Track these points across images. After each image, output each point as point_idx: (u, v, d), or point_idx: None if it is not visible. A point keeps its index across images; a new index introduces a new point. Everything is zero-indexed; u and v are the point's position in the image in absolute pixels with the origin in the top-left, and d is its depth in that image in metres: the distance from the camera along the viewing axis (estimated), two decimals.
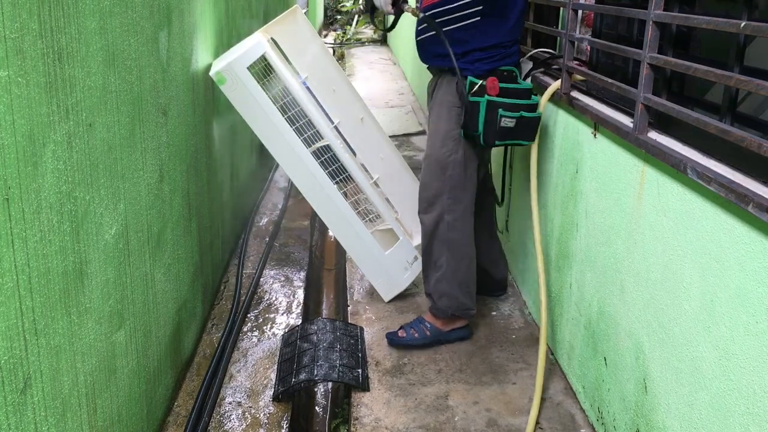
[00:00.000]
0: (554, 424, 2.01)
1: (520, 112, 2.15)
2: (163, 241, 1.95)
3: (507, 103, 2.14)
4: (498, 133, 2.16)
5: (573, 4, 2.06)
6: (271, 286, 2.94)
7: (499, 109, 2.13)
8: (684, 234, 1.45)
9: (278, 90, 2.44)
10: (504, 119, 2.13)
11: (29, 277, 1.15)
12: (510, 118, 2.14)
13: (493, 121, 2.14)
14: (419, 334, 2.42)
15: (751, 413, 1.23)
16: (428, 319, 2.45)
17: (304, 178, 2.51)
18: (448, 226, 2.33)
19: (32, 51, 1.13)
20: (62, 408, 1.29)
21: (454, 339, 2.45)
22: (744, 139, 1.24)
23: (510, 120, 2.14)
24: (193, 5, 2.34)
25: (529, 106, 2.18)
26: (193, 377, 2.23)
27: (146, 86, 1.77)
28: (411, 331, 2.43)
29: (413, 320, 2.50)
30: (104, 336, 1.49)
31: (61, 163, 1.25)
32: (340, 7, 13.78)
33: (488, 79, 2.14)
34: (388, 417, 2.05)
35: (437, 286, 2.39)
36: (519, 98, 2.17)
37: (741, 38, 1.40)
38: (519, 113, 2.15)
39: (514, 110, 2.14)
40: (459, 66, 2.19)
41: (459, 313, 2.41)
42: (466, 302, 2.40)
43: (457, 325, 2.45)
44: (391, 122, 5.63)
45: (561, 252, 2.22)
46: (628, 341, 1.73)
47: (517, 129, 2.17)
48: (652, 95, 1.60)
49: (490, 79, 2.14)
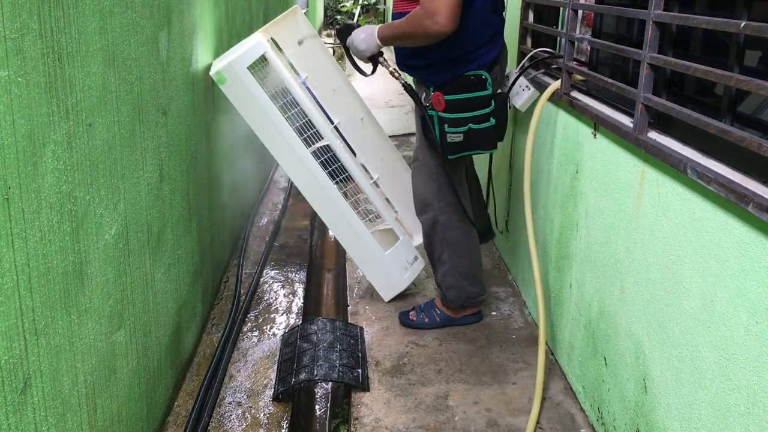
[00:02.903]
0: (554, 424, 2.01)
1: (467, 126, 2.16)
2: (163, 241, 1.95)
3: (451, 118, 2.15)
4: (449, 148, 2.19)
5: (573, 4, 2.06)
6: (271, 286, 2.94)
7: (445, 125, 2.16)
8: (684, 234, 1.45)
9: (278, 90, 2.44)
10: (449, 135, 2.16)
11: (29, 277, 1.15)
12: (456, 134, 2.16)
13: (443, 135, 2.18)
14: (430, 320, 2.52)
15: (751, 413, 1.23)
16: (439, 306, 2.55)
17: (304, 178, 2.51)
18: (444, 227, 2.39)
19: (32, 51, 1.13)
20: (62, 408, 1.29)
21: (466, 324, 2.55)
22: (744, 139, 1.24)
23: (456, 135, 2.16)
24: (193, 5, 2.34)
25: (479, 117, 2.17)
26: (193, 377, 2.23)
27: (146, 86, 1.77)
28: (422, 315, 2.53)
29: (425, 303, 2.59)
30: (104, 336, 1.49)
31: (61, 163, 1.25)
32: (340, 7, 13.78)
33: (433, 95, 2.16)
34: (388, 417, 2.05)
35: (444, 280, 2.47)
36: (472, 109, 2.16)
37: (741, 38, 1.40)
38: (467, 126, 2.16)
39: (461, 125, 2.16)
40: (422, 77, 2.25)
41: (468, 303, 2.50)
42: (473, 291, 2.48)
43: (468, 313, 2.55)
44: (391, 122, 5.63)
45: (561, 252, 2.22)
46: (628, 341, 1.73)
47: (466, 142, 2.19)
48: (652, 95, 1.60)
49: (435, 94, 2.16)
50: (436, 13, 1.95)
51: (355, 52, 2.31)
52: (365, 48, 2.26)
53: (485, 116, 2.18)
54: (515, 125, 2.76)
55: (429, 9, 1.96)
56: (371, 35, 2.24)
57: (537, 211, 2.44)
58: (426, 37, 2.03)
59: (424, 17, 1.98)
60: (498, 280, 2.92)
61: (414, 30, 2.04)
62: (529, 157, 2.26)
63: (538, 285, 2.18)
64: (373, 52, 2.27)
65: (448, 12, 1.95)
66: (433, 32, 1.99)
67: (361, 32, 2.28)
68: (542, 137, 2.37)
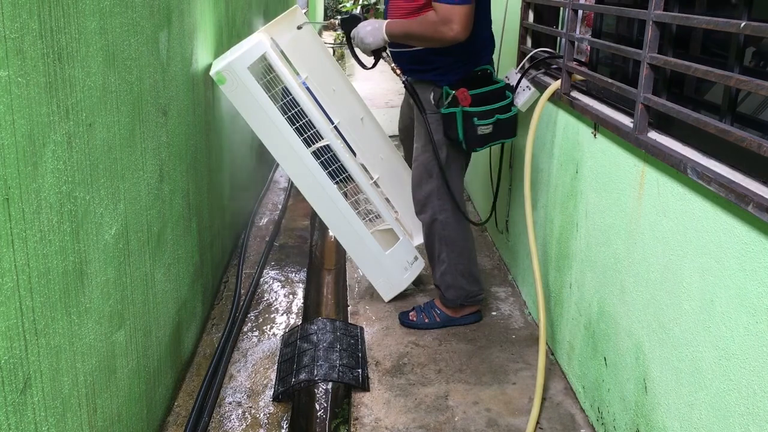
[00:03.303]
0: (554, 424, 2.01)
1: (495, 117, 2.22)
2: (163, 241, 1.95)
3: (480, 111, 2.20)
4: (478, 140, 2.24)
5: (573, 4, 2.06)
6: (271, 286, 2.94)
7: (474, 118, 2.19)
8: (684, 234, 1.45)
9: (278, 90, 2.44)
10: (480, 128, 2.21)
11: (29, 277, 1.15)
12: (486, 125, 2.22)
13: (471, 129, 2.21)
14: (430, 320, 2.54)
15: (750, 413, 1.23)
16: (439, 306, 2.56)
17: (304, 178, 2.51)
18: (442, 225, 2.43)
19: (32, 51, 1.13)
20: (62, 408, 1.29)
21: (466, 323, 2.56)
22: (744, 139, 1.24)
23: (486, 127, 2.22)
24: (193, 5, 2.34)
25: (503, 108, 2.25)
26: (193, 377, 2.23)
27: (146, 86, 1.77)
28: (422, 315, 2.55)
29: (425, 303, 2.61)
30: (104, 336, 1.49)
31: (61, 163, 1.25)
32: (340, 7, 13.78)
33: (458, 91, 2.19)
34: (388, 417, 2.05)
35: (443, 279, 2.49)
36: (493, 101, 2.23)
37: (741, 38, 1.40)
38: (494, 118, 2.22)
39: (489, 116, 2.22)
40: (432, 78, 2.28)
41: (468, 302, 2.52)
42: (472, 290, 2.51)
43: (467, 312, 2.56)
44: (391, 122, 5.60)
45: (561, 252, 2.22)
46: (628, 341, 1.73)
47: (495, 133, 2.25)
48: (652, 95, 1.60)
49: (460, 90, 2.19)
50: (452, 21, 2.02)
51: (359, 43, 2.32)
52: (371, 41, 2.27)
53: (508, 106, 2.27)
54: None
55: (445, 17, 2.03)
56: (379, 29, 2.25)
57: (537, 211, 2.44)
58: (440, 42, 2.10)
59: (440, 23, 2.04)
60: (498, 280, 2.92)
61: (427, 34, 2.10)
62: (529, 157, 2.26)
63: (538, 285, 2.18)
64: (379, 46, 2.29)
65: (465, 21, 2.03)
66: (449, 39, 2.06)
67: (367, 25, 2.29)
68: (542, 137, 2.37)
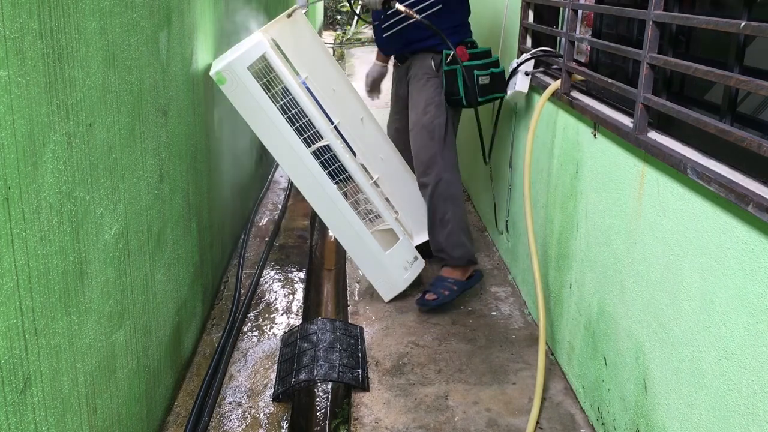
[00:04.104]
0: (554, 424, 2.01)
1: (490, 70, 2.57)
2: (163, 241, 1.95)
3: (479, 64, 2.54)
4: (478, 91, 2.52)
5: (573, 4, 2.07)
6: (271, 286, 2.94)
7: (474, 70, 2.51)
8: (684, 234, 1.45)
9: (278, 90, 2.44)
10: (480, 78, 2.52)
11: (29, 277, 1.15)
12: (485, 76, 2.54)
13: (471, 83, 2.50)
14: (449, 291, 2.62)
15: (750, 413, 1.23)
16: (447, 275, 2.65)
17: (304, 178, 2.51)
18: (447, 184, 2.59)
19: (32, 51, 1.13)
20: (62, 408, 1.29)
21: (474, 285, 2.70)
22: (744, 139, 1.24)
23: (485, 77, 2.54)
24: (193, 5, 2.34)
25: (492, 63, 2.60)
26: (193, 377, 2.23)
27: (146, 86, 1.77)
28: (440, 290, 2.62)
29: (433, 282, 2.68)
30: (104, 336, 1.49)
31: (61, 163, 1.25)
32: (340, 7, 13.78)
33: (457, 48, 2.50)
34: (388, 417, 2.05)
35: (449, 240, 2.62)
36: (485, 58, 2.59)
37: (741, 38, 1.40)
38: (489, 70, 2.56)
39: (486, 69, 2.56)
40: (432, 44, 2.57)
41: (471, 258, 2.67)
42: (471, 248, 2.70)
43: (470, 273, 2.68)
44: None
45: (561, 252, 2.22)
46: (628, 341, 1.73)
47: (492, 84, 2.56)
48: (651, 95, 1.60)
49: (459, 48, 2.52)
50: None
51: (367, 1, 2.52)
52: None
53: (496, 62, 2.61)
54: (515, 125, 2.76)
55: None
56: None
57: (537, 211, 2.44)
58: None
59: None
60: (498, 280, 2.92)
61: None
62: (528, 157, 2.26)
63: (538, 285, 2.18)
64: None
65: None
66: None
67: None
68: (542, 137, 2.38)
